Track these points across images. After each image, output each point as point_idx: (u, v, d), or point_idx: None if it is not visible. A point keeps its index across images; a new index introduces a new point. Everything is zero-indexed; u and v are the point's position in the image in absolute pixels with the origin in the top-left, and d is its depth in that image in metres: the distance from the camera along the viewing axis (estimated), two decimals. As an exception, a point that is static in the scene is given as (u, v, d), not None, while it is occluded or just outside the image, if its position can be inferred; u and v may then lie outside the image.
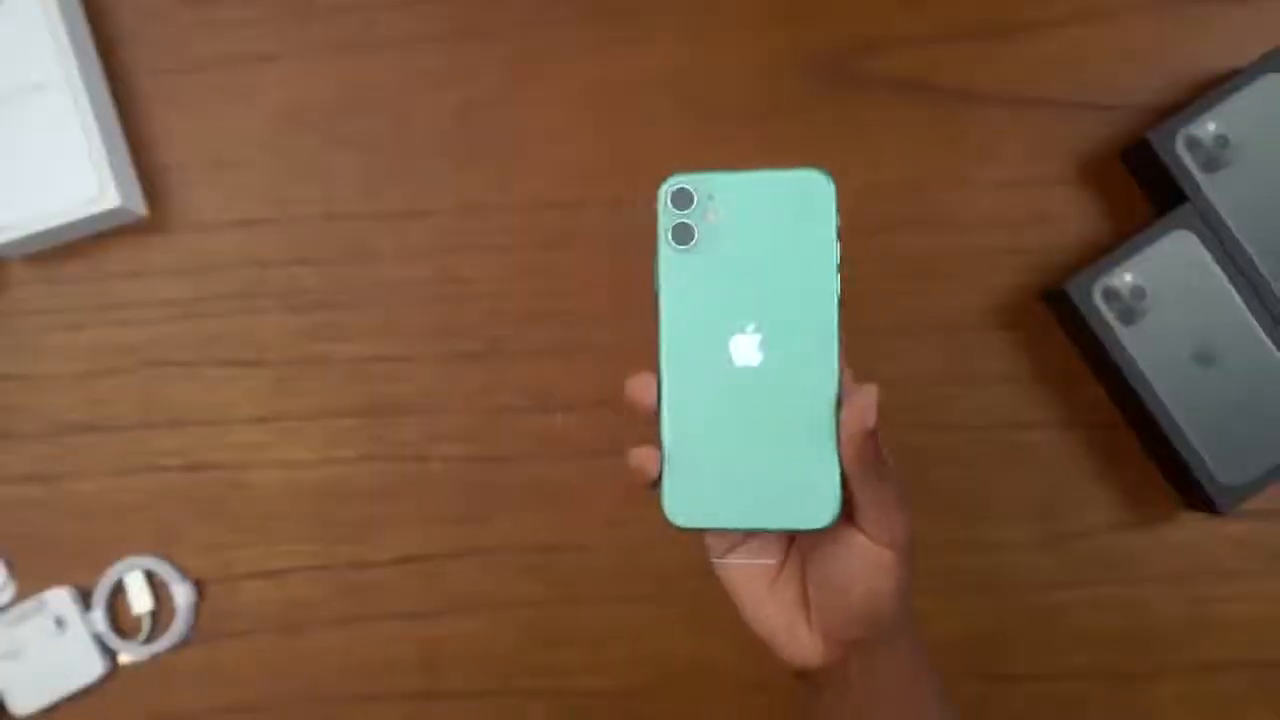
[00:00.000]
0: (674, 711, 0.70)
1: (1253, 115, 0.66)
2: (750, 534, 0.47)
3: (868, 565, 0.44)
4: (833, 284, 0.43)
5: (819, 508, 0.43)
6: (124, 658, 0.71)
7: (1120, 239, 0.68)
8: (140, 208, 0.72)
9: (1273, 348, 0.66)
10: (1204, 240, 0.66)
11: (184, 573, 0.71)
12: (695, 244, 0.44)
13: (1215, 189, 0.66)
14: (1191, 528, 0.70)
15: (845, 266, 0.43)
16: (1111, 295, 0.66)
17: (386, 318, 0.72)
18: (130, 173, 0.72)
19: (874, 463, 0.42)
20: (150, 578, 0.71)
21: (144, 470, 0.72)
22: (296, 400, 0.72)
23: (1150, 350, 0.66)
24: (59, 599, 0.70)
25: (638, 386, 0.44)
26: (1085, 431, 0.70)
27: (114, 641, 0.71)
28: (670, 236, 0.44)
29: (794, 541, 0.47)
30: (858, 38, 0.72)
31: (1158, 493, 0.70)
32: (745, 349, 0.43)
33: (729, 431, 0.43)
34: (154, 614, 0.71)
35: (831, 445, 0.43)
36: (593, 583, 0.71)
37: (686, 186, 0.44)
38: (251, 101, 0.73)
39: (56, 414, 0.72)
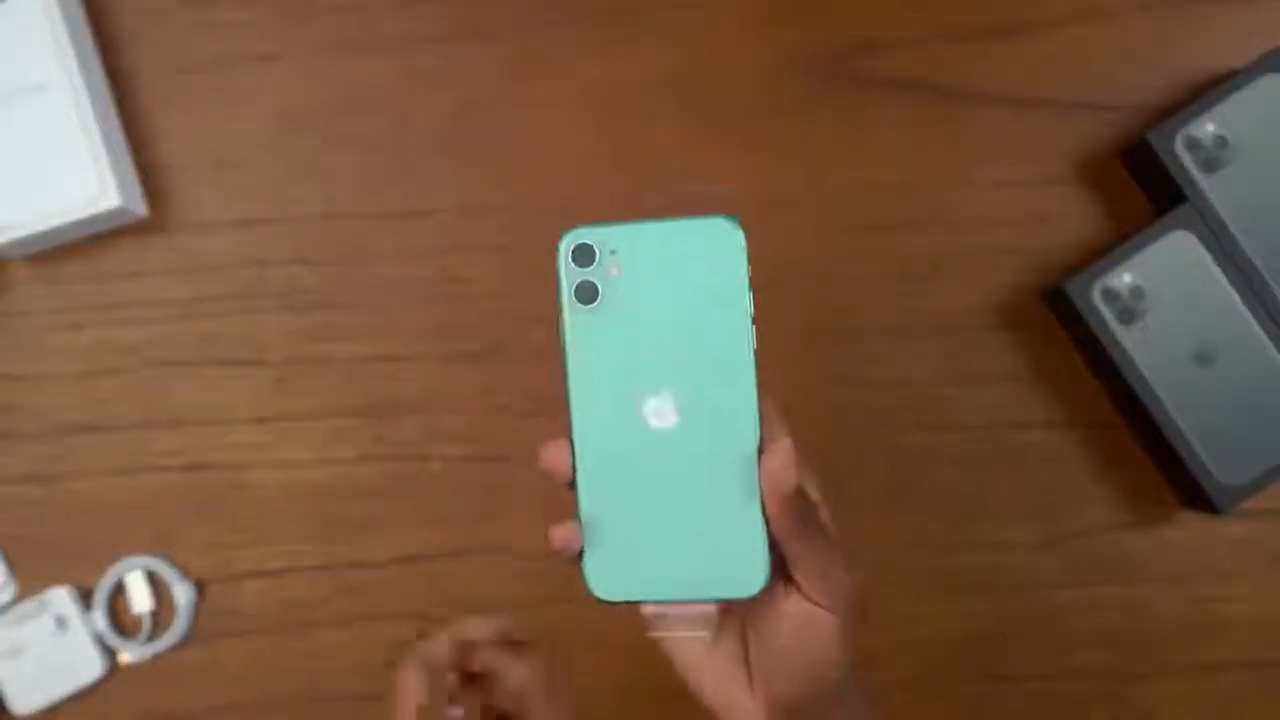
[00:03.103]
0: (674, 712, 0.70)
1: (1252, 115, 0.66)
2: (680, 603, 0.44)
3: (808, 628, 0.41)
4: (746, 337, 0.40)
5: (747, 574, 0.40)
6: (124, 657, 0.71)
7: (1120, 239, 0.68)
8: (140, 208, 0.72)
9: (1272, 348, 0.66)
10: (1203, 240, 0.66)
11: (184, 572, 0.71)
12: (600, 302, 0.41)
13: (1215, 189, 0.66)
14: (1191, 528, 0.70)
15: (757, 316, 0.41)
16: (1111, 295, 0.66)
17: (386, 318, 0.72)
18: (130, 173, 0.72)
19: (803, 521, 0.40)
20: (150, 577, 0.71)
21: (144, 470, 0.72)
22: (296, 400, 0.72)
23: (1149, 350, 0.66)
24: (59, 599, 0.70)
25: (552, 454, 0.41)
26: (1085, 431, 0.70)
27: (114, 641, 0.71)
28: (574, 295, 0.41)
29: (730, 605, 0.43)
30: (858, 38, 0.72)
31: (1158, 493, 0.70)
32: (659, 411, 0.41)
33: (649, 498, 0.41)
34: (154, 614, 0.71)
35: (755, 507, 0.40)
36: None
37: (588, 242, 0.41)
38: (251, 101, 0.73)
39: (56, 414, 0.72)
